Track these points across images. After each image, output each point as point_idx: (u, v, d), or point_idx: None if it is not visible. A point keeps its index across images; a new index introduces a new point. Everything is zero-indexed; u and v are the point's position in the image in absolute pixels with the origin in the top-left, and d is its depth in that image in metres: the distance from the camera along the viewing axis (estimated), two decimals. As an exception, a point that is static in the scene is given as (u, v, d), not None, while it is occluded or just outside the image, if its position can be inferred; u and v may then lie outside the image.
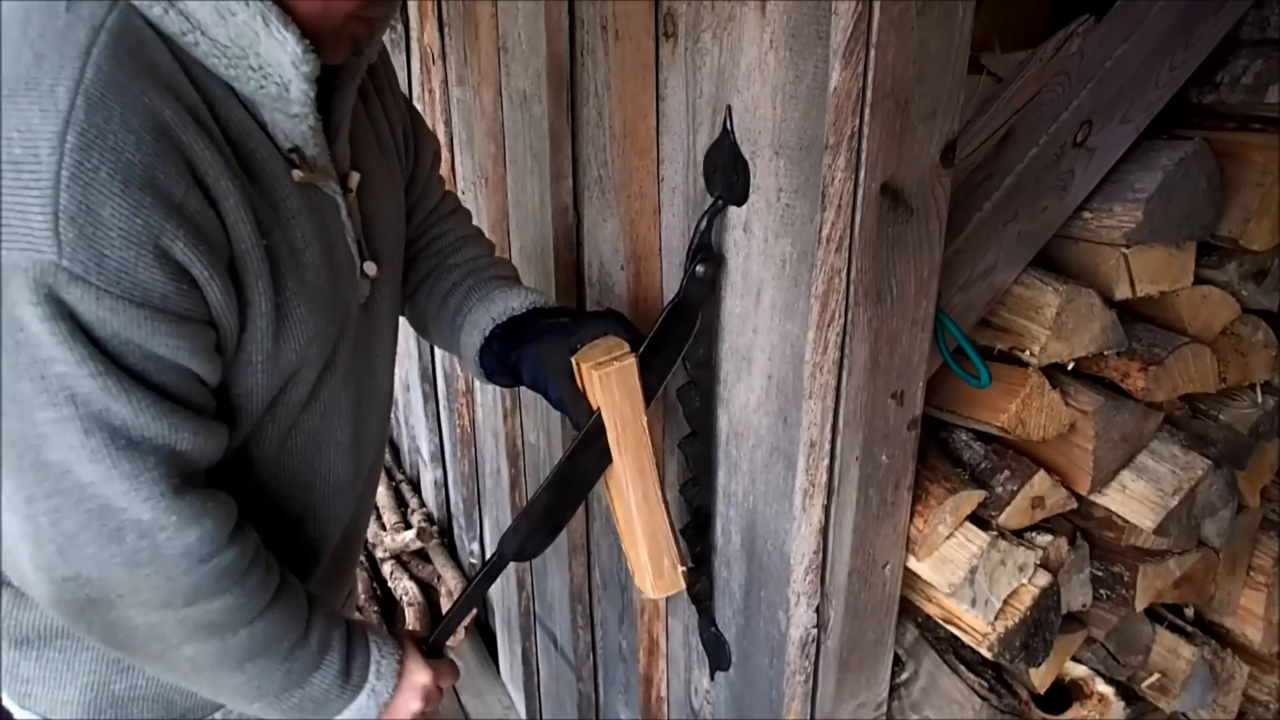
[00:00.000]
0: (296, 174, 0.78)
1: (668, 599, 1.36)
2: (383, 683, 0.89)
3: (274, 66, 0.71)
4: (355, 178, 0.88)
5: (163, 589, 0.72)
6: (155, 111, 0.65)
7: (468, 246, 1.16)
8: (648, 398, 0.99)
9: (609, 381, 0.94)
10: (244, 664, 0.79)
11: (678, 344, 1.01)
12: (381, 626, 0.95)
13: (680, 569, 1.04)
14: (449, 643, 2.74)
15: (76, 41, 0.63)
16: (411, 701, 0.92)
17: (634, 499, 1.00)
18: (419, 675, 0.93)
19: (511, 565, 2.13)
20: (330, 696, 0.86)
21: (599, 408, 0.96)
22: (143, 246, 0.63)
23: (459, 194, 2.04)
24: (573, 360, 0.97)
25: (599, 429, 0.97)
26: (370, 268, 0.90)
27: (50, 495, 0.67)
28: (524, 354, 1.02)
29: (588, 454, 0.99)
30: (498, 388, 1.97)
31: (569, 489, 1.01)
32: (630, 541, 1.03)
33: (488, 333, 1.05)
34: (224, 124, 0.72)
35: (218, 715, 0.97)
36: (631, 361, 0.95)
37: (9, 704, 0.91)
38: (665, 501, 1.02)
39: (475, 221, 1.26)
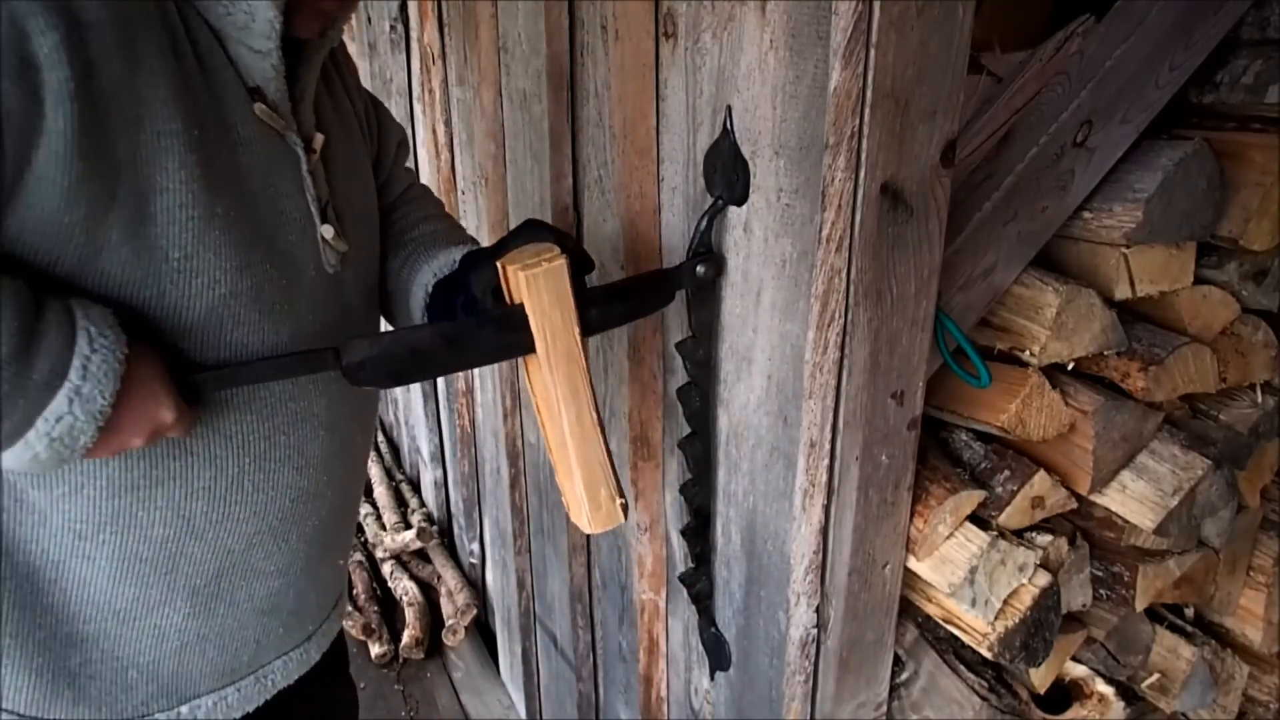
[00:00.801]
0: (258, 107, 0.80)
1: (668, 599, 1.36)
2: (92, 385, 0.68)
3: None
4: (319, 139, 0.89)
5: None
6: None
7: (425, 223, 1.14)
8: (589, 331, 0.91)
9: (535, 283, 0.85)
10: None
11: (645, 304, 0.98)
12: (109, 328, 0.72)
13: (619, 501, 0.94)
14: (449, 643, 2.72)
15: None
16: (131, 429, 0.73)
17: (566, 422, 0.91)
18: (156, 403, 0.74)
19: (511, 565, 2.13)
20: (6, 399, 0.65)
21: (525, 307, 0.87)
22: (10, 12, 0.60)
23: (459, 194, 2.04)
24: (498, 265, 0.87)
25: (520, 318, 0.87)
26: (328, 231, 0.89)
27: None
28: (459, 292, 0.97)
29: (494, 333, 0.89)
30: (497, 388, 1.97)
31: (451, 348, 0.89)
32: (564, 471, 0.94)
33: (429, 287, 1.01)
34: (192, 34, 0.75)
35: (184, 710, 0.95)
36: (561, 263, 0.85)
37: None
38: (602, 427, 0.93)
39: (475, 221, 1.26)
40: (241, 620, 0.96)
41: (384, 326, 1.09)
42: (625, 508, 0.96)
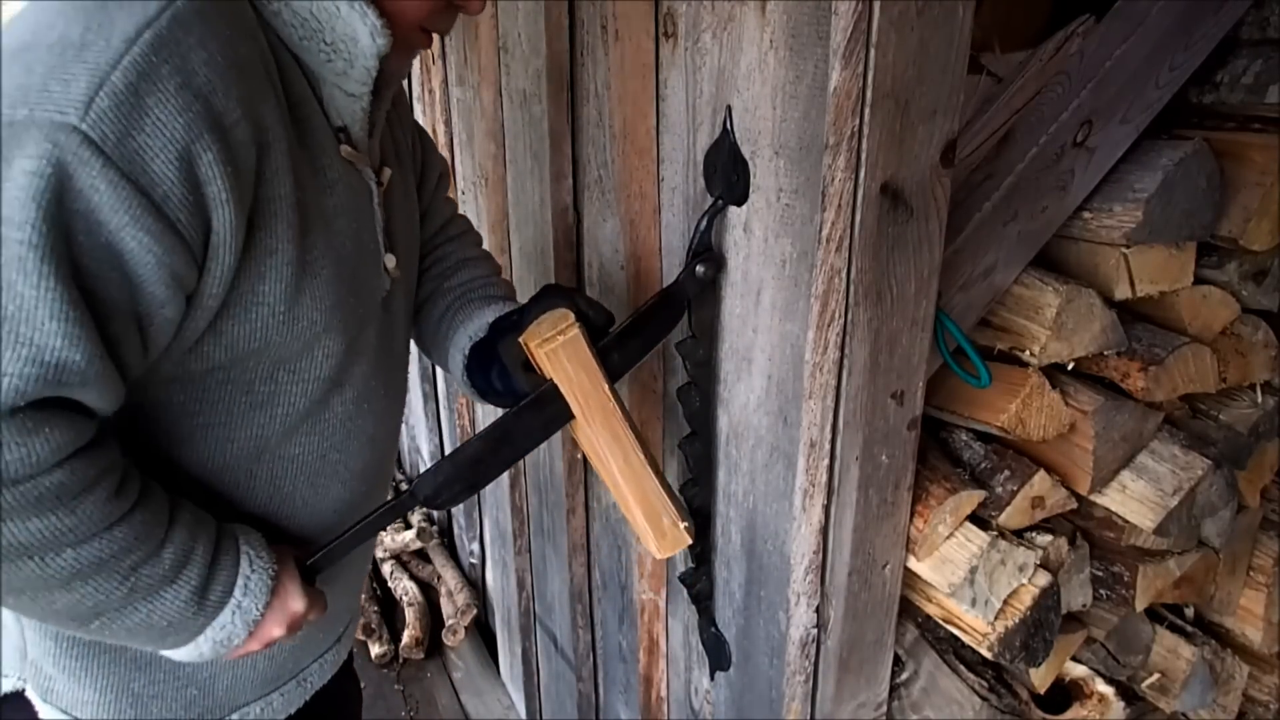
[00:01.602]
0: (345, 149, 0.82)
1: (668, 599, 1.36)
2: (250, 599, 0.82)
3: (345, 42, 0.76)
4: (388, 173, 0.92)
5: None
6: (234, 44, 0.68)
7: (465, 269, 1.16)
8: (616, 375, 0.96)
9: (557, 356, 0.92)
10: (72, 583, 0.72)
11: (659, 330, 1.00)
12: (263, 549, 0.86)
13: (683, 524, 1.00)
14: (449, 644, 2.73)
15: None
16: (276, 627, 0.86)
17: (616, 467, 0.98)
18: (294, 600, 0.87)
19: (511, 565, 2.14)
20: (185, 616, 0.79)
21: (554, 380, 0.94)
22: (172, 142, 0.63)
23: (459, 194, 2.04)
24: (522, 344, 0.95)
25: (553, 394, 0.94)
26: (390, 260, 0.93)
27: None
28: (494, 361, 1.03)
29: (534, 416, 0.95)
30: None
31: (504, 447, 0.97)
32: (625, 508, 1.01)
33: (466, 352, 1.06)
34: (286, 85, 0.76)
35: (234, 716, 0.98)
36: (576, 332, 0.92)
37: (33, 696, 0.92)
38: (653, 460, 0.99)
39: (475, 222, 1.26)
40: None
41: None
42: (690, 529, 1.01)
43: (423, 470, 3.17)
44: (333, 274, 0.81)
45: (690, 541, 1.03)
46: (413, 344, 1.17)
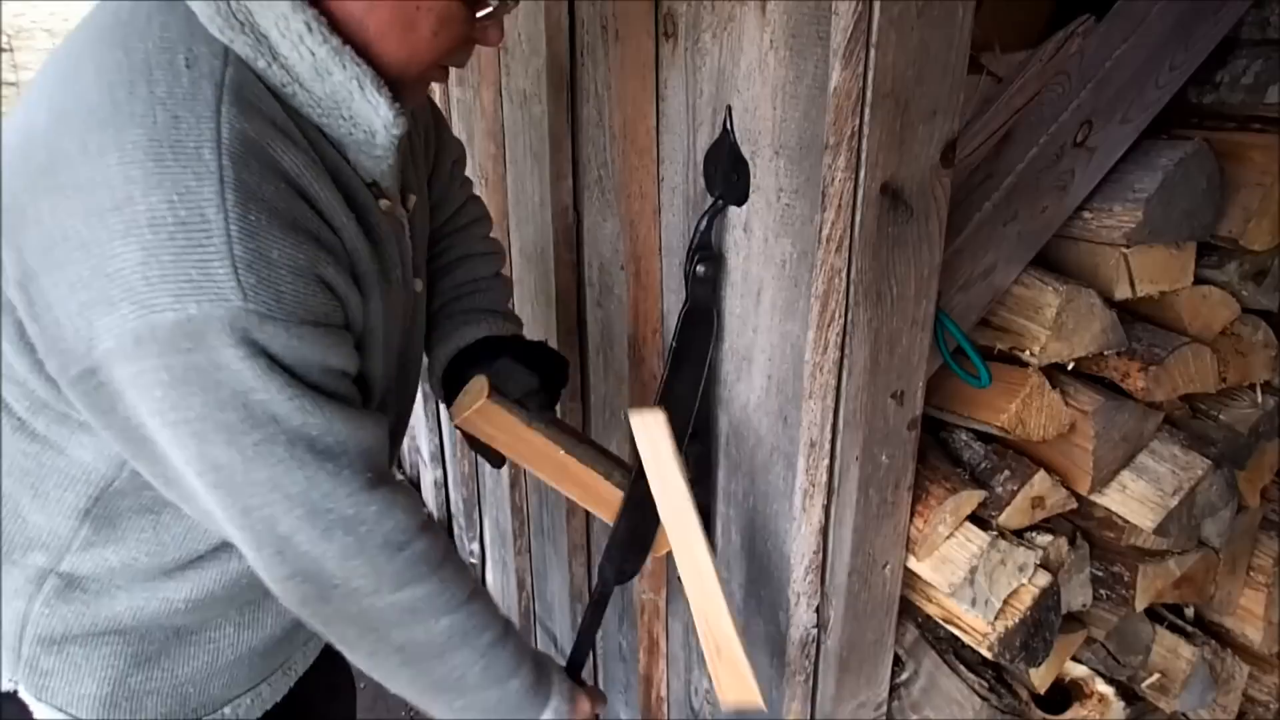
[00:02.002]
0: (383, 203, 0.85)
1: (668, 599, 1.36)
2: (563, 702, 0.93)
3: (364, 120, 0.78)
4: (413, 200, 0.94)
5: (370, 577, 0.78)
6: (279, 160, 0.71)
7: (460, 268, 1.16)
8: (685, 410, 1.00)
9: (473, 424, 1.00)
10: (446, 654, 0.83)
11: (701, 348, 1.02)
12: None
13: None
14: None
15: (206, 101, 0.67)
16: None
17: (575, 495, 1.05)
18: (586, 703, 0.97)
19: (511, 566, 2.14)
20: (524, 704, 0.89)
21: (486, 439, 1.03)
22: (307, 277, 0.70)
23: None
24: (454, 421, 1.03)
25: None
26: (419, 285, 0.97)
27: (263, 506, 0.73)
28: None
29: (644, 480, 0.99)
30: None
31: (643, 510, 1.01)
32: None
33: (440, 376, 1.10)
34: (324, 162, 0.78)
35: (226, 710, 0.98)
36: (481, 403, 0.99)
37: (26, 696, 0.92)
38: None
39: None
40: (285, 628, 1.01)
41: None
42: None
43: (420, 467, 3.13)
44: (387, 325, 0.86)
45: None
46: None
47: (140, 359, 0.66)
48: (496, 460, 1.08)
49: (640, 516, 1.02)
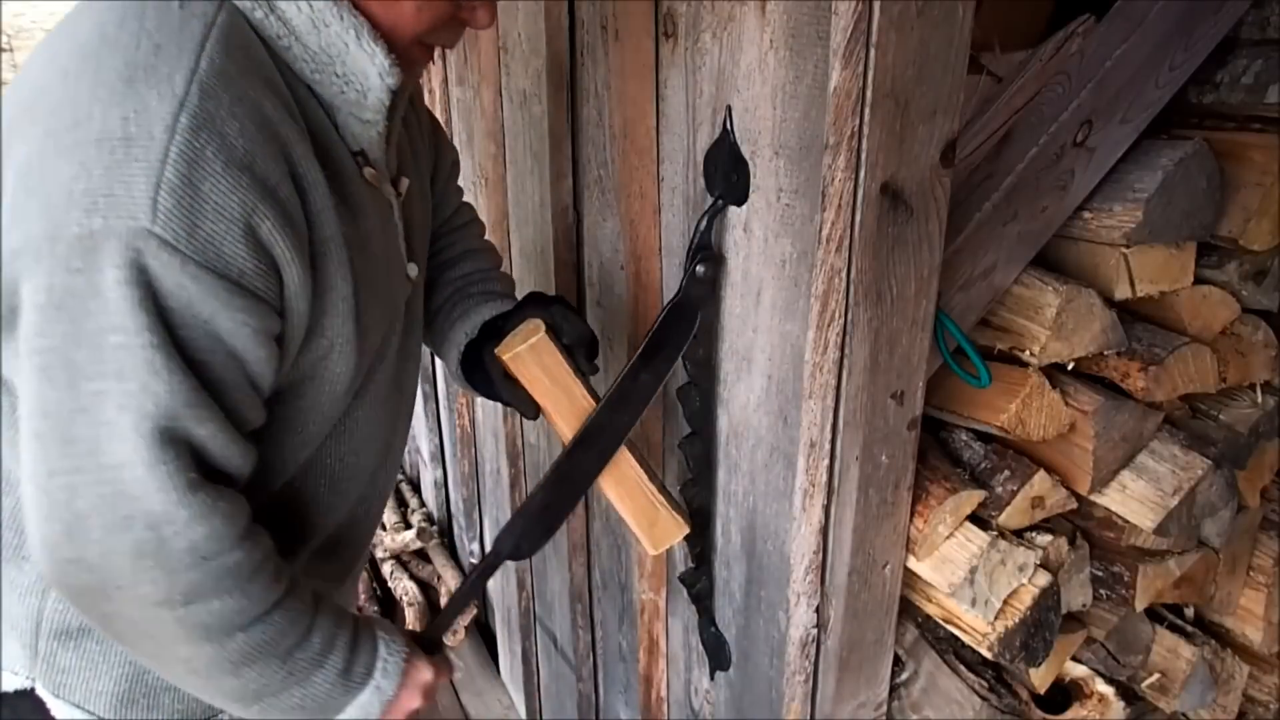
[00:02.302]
0: (368, 172, 0.83)
1: (668, 599, 1.36)
2: (388, 680, 0.89)
3: (357, 76, 0.77)
4: (405, 183, 0.92)
5: (162, 584, 0.72)
6: (258, 104, 0.69)
7: (466, 261, 1.17)
8: (646, 397, 0.99)
9: (522, 360, 0.97)
10: (240, 668, 0.78)
11: (678, 342, 1.01)
12: (395, 634, 0.95)
13: (676, 517, 1.02)
14: (449, 643, 2.74)
15: (192, 35, 0.67)
16: (413, 699, 0.92)
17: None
18: (423, 673, 0.92)
19: (511, 566, 2.14)
20: (333, 695, 0.85)
21: (526, 386, 0.99)
22: (234, 222, 0.66)
23: (459, 194, 2.04)
24: (497, 356, 0.99)
25: (599, 428, 0.97)
26: (413, 269, 0.95)
27: (70, 472, 0.68)
28: (479, 365, 1.07)
29: (586, 452, 0.99)
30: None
31: (565, 486, 1.01)
32: (614, 506, 1.03)
33: (462, 349, 1.08)
34: (308, 120, 0.76)
35: None
36: (540, 336, 0.96)
37: (43, 693, 0.91)
38: (641, 457, 1.01)
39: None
40: None
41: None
42: (682, 518, 1.03)
43: (420, 467, 3.15)
44: (371, 296, 0.83)
45: (685, 531, 1.04)
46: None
47: (34, 276, 0.64)
48: (531, 410, 1.02)
49: (557, 494, 1.01)
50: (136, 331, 0.65)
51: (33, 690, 0.91)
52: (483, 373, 1.06)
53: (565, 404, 0.99)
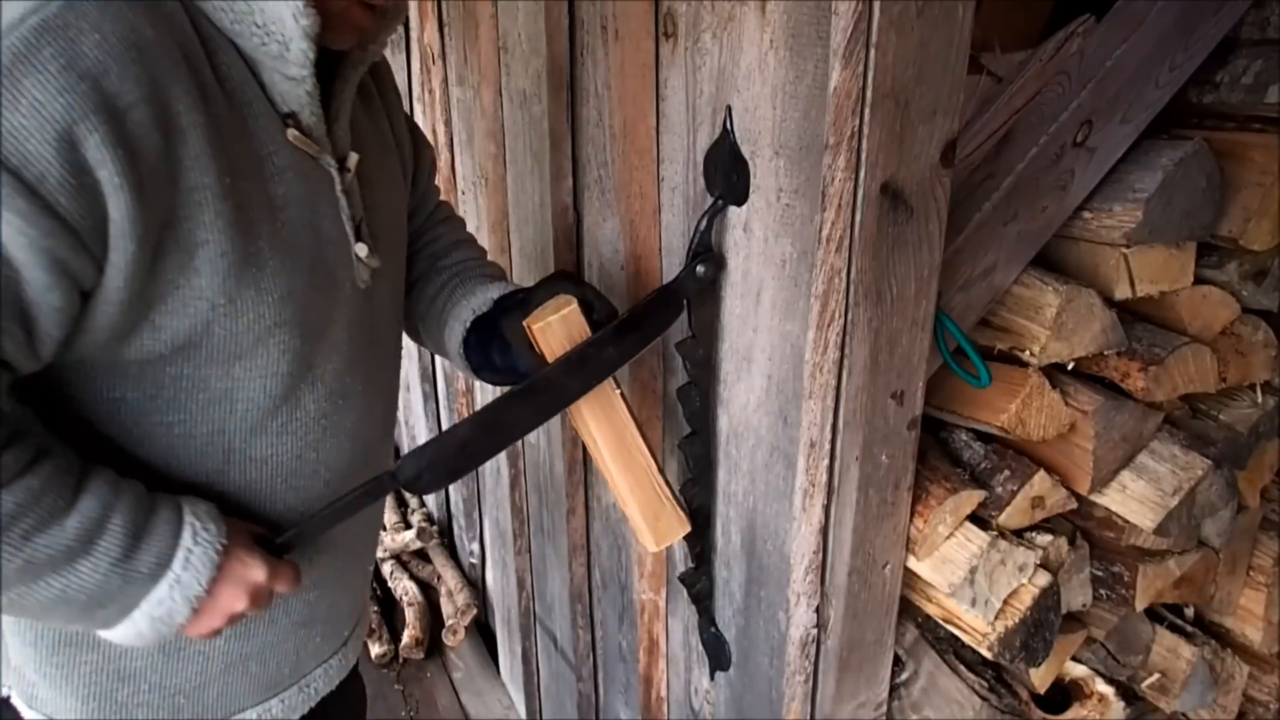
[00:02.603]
0: (291, 133, 0.80)
1: (668, 599, 1.36)
2: (191, 573, 0.77)
3: (275, 24, 0.73)
4: (354, 158, 0.88)
5: None
6: (136, 28, 0.66)
7: (459, 250, 1.18)
8: (611, 369, 0.97)
9: (552, 331, 0.94)
10: None
11: (656, 326, 1.00)
12: (212, 521, 0.81)
13: (678, 514, 1.02)
14: (449, 643, 2.73)
15: None
16: (235, 600, 0.81)
17: (608, 450, 0.99)
18: (251, 571, 0.81)
19: (511, 565, 2.13)
20: (107, 590, 0.74)
21: (548, 360, 0.96)
22: (49, 122, 0.62)
23: (459, 194, 2.04)
24: (525, 326, 0.96)
25: (545, 383, 0.95)
26: (362, 249, 0.90)
27: None
28: (494, 337, 1.04)
29: (525, 404, 0.95)
30: (497, 389, 1.97)
31: (492, 433, 0.95)
32: (618, 494, 1.02)
33: (468, 324, 1.05)
34: (220, 71, 0.74)
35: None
36: (569, 310, 0.94)
37: (18, 702, 0.91)
38: (650, 449, 1.01)
39: (475, 221, 1.27)
40: (281, 635, 0.97)
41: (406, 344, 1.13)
42: (685, 516, 1.03)
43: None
44: (281, 265, 0.79)
45: (687, 529, 1.03)
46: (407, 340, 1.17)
47: None
48: None
49: (480, 436, 0.95)
50: None
51: (9, 698, 0.91)
52: (484, 349, 1.04)
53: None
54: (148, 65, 0.66)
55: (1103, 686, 1.24)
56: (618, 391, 0.98)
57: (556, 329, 0.95)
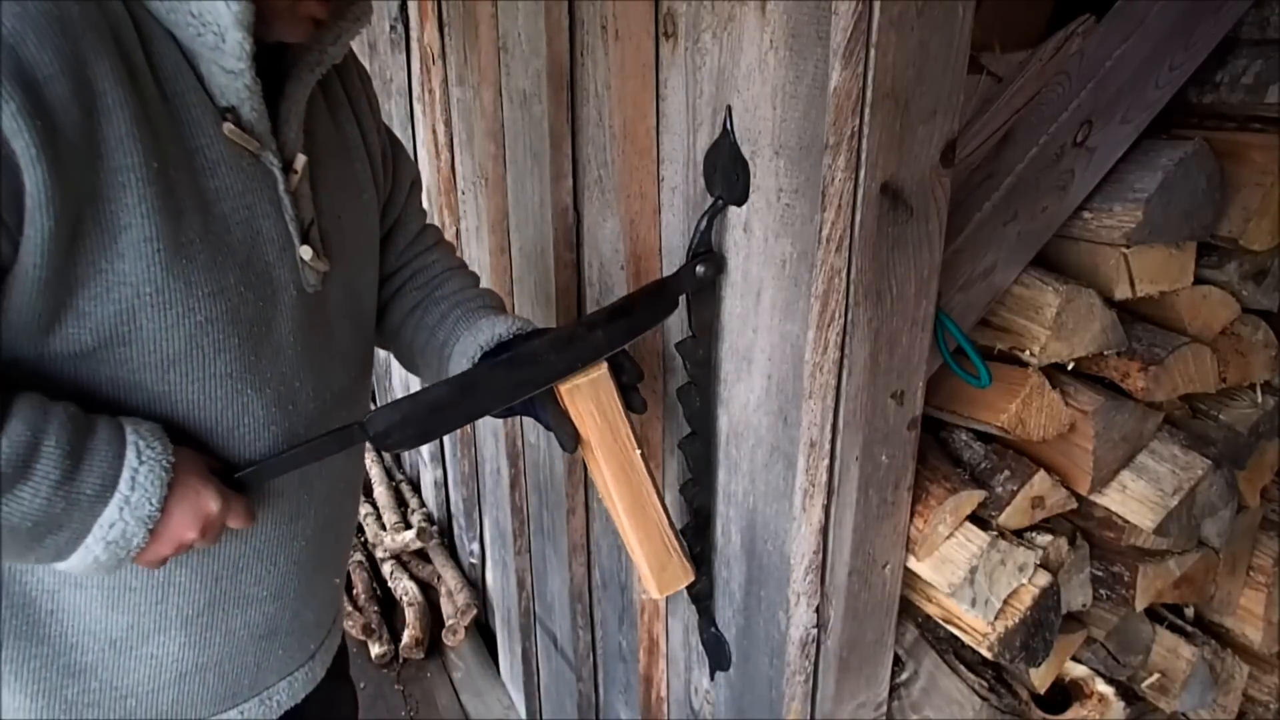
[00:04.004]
0: (228, 128, 0.78)
1: (668, 599, 1.36)
2: (140, 493, 0.75)
3: (210, 14, 0.72)
4: (301, 160, 0.86)
5: None
6: (63, 5, 0.65)
7: (454, 279, 1.16)
8: (589, 354, 0.97)
9: (580, 393, 0.96)
10: None
11: (648, 317, 1.00)
12: (157, 440, 0.77)
13: (685, 564, 1.04)
14: (449, 643, 2.73)
15: None
16: (185, 528, 0.79)
17: (623, 505, 1.01)
18: (204, 500, 0.79)
19: (511, 565, 2.13)
20: (52, 514, 0.71)
21: (572, 415, 0.97)
22: None
23: (459, 194, 2.04)
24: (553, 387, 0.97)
25: (529, 356, 0.95)
26: (306, 252, 0.87)
27: None
28: None
29: (507, 374, 0.94)
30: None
31: (468, 399, 0.93)
32: (628, 544, 1.03)
33: (474, 360, 1.03)
34: (154, 59, 0.73)
35: None
36: (603, 371, 0.96)
37: None
38: (662, 502, 1.02)
39: (475, 221, 1.27)
40: (239, 647, 0.96)
41: (389, 361, 1.10)
42: (691, 569, 1.05)
43: (420, 467, 3.14)
44: (211, 259, 0.78)
45: (690, 579, 1.05)
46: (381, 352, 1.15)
47: None
48: (571, 443, 0.98)
49: (456, 404, 0.93)
50: None
51: None
52: None
53: (609, 441, 0.98)
54: (70, 39, 0.65)
55: (1103, 686, 1.24)
56: (638, 452, 1.00)
57: (585, 392, 0.95)
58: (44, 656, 0.87)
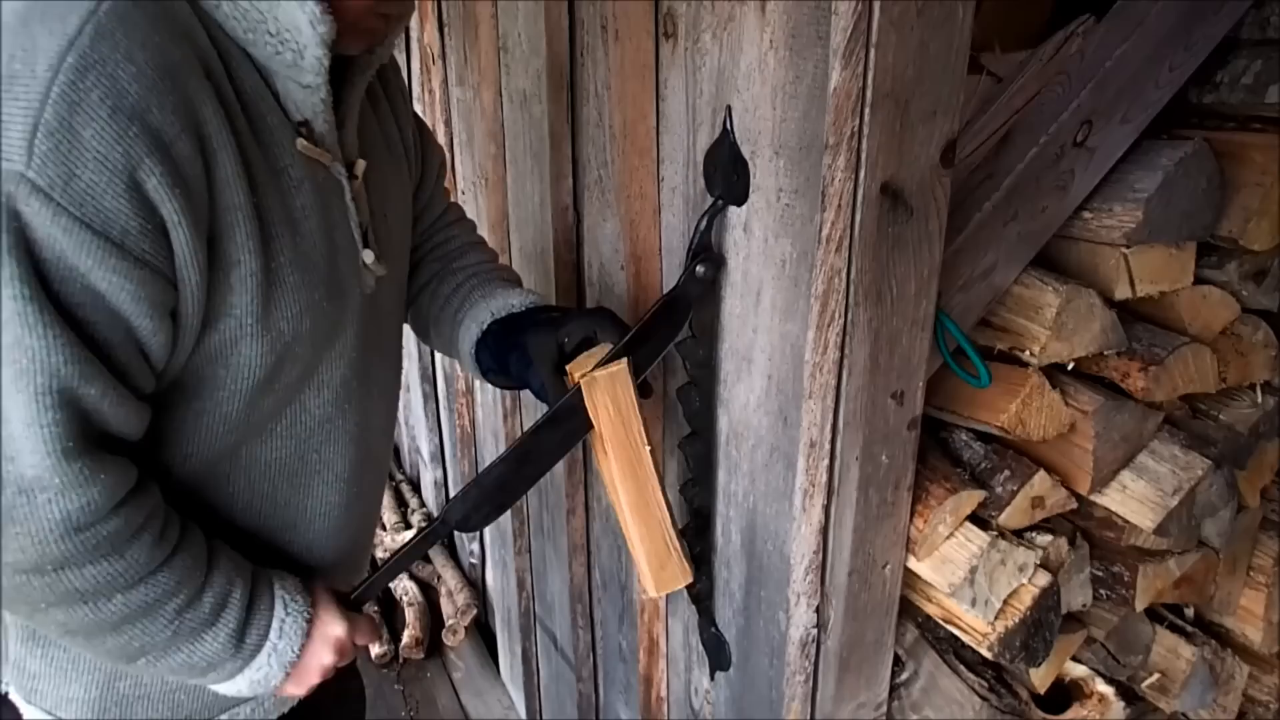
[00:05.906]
0: (301, 143, 0.79)
1: (668, 599, 1.36)
2: (285, 641, 0.85)
3: (290, 31, 0.73)
4: (361, 165, 0.88)
5: (29, 552, 0.68)
6: (164, 51, 0.65)
7: (472, 252, 1.18)
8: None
9: (598, 387, 0.96)
10: (122, 627, 0.76)
11: (666, 337, 1.00)
12: (299, 593, 0.89)
13: (685, 564, 1.04)
14: (449, 643, 2.73)
15: None
16: (323, 655, 0.89)
17: (629, 502, 1.01)
18: (332, 627, 0.89)
19: (511, 565, 2.13)
20: (223, 658, 0.82)
21: (589, 409, 0.97)
22: (116, 174, 0.62)
23: (459, 194, 2.04)
24: (568, 371, 0.98)
25: (568, 410, 0.96)
26: (368, 256, 0.90)
27: None
28: (514, 347, 1.04)
29: (552, 434, 0.97)
30: (498, 390, 1.97)
31: (526, 465, 0.99)
32: (630, 542, 1.03)
33: (485, 326, 1.06)
34: (236, 83, 0.73)
35: (223, 717, 0.97)
36: (619, 368, 0.96)
37: (16, 698, 0.91)
38: (668, 502, 1.02)
39: (475, 221, 1.27)
40: None
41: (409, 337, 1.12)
42: (690, 570, 1.04)
43: (420, 467, 3.15)
44: (300, 280, 0.79)
45: (689, 580, 1.05)
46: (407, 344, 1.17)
47: None
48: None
49: (516, 471, 0.98)
50: (8, 281, 0.61)
51: (7, 695, 0.91)
52: (499, 355, 1.05)
53: (621, 436, 0.98)
54: (180, 91, 0.66)
55: (1103, 686, 1.24)
56: (648, 448, 1.00)
57: (602, 385, 0.96)
58: (88, 659, 0.89)
